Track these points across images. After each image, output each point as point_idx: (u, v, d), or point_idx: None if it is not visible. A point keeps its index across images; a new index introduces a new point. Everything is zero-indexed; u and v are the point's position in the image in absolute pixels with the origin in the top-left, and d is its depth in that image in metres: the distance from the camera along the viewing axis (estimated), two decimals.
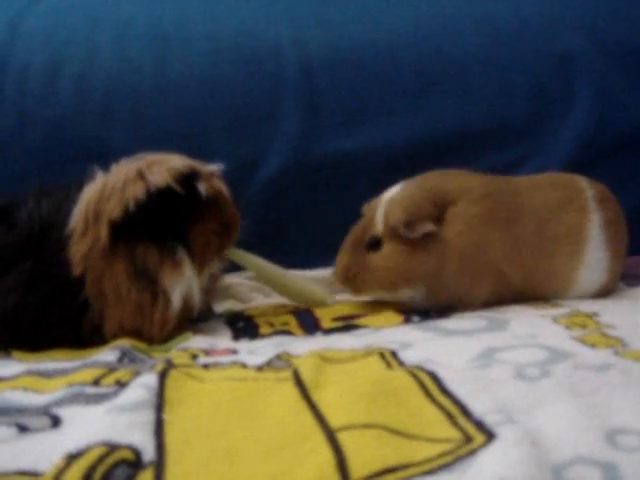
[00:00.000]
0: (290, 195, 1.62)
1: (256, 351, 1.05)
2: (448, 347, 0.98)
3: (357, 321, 1.23)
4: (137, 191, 1.12)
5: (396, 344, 0.99)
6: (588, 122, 1.71)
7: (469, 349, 0.95)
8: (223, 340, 1.16)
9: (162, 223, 1.14)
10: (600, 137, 1.70)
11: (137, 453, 0.64)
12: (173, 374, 0.84)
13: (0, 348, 1.14)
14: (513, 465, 0.58)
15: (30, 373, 0.95)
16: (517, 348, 0.94)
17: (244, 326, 1.25)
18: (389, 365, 0.88)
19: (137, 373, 0.89)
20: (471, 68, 1.74)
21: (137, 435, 0.67)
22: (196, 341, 1.13)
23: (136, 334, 1.15)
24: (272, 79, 1.67)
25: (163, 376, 0.83)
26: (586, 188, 1.33)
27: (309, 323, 1.24)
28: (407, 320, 1.21)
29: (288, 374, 0.85)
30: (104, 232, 1.12)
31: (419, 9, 1.78)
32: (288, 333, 1.19)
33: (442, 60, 1.73)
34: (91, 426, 0.69)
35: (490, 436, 0.64)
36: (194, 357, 1.01)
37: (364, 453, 0.62)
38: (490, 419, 0.67)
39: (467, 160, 1.63)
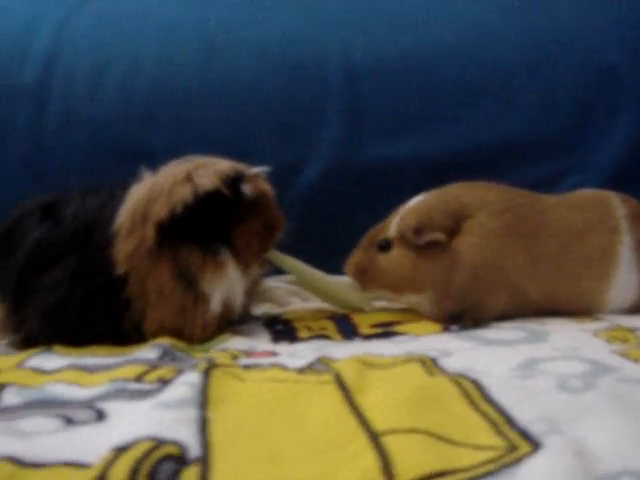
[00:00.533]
0: (331, 201, 1.63)
1: (296, 354, 1.05)
2: (488, 356, 0.98)
3: (396, 328, 1.23)
4: (185, 193, 1.12)
5: (436, 352, 0.99)
6: (630, 137, 1.70)
7: (509, 359, 0.95)
8: (262, 342, 1.17)
9: (207, 225, 1.15)
10: None
11: (183, 449, 0.65)
12: (216, 373, 0.85)
13: (42, 342, 1.15)
14: (560, 475, 0.58)
15: (73, 367, 0.97)
16: (558, 360, 0.93)
17: (282, 329, 1.26)
18: (430, 372, 0.88)
19: (179, 371, 0.90)
20: (514, 80, 1.74)
21: (183, 431, 0.68)
22: (235, 342, 1.14)
23: (176, 334, 1.16)
24: (316, 85, 1.68)
25: (206, 375, 0.84)
26: (617, 207, 1.31)
27: (347, 329, 1.24)
28: (446, 329, 1.21)
29: (329, 377, 0.85)
30: (150, 233, 1.13)
31: (464, 19, 1.78)
32: (327, 338, 1.19)
33: (486, 70, 1.73)
34: (137, 421, 0.70)
35: (536, 445, 0.64)
36: (235, 358, 1.02)
37: (409, 457, 0.62)
38: (535, 428, 0.67)
39: (507, 171, 1.64)
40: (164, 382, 0.86)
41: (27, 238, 1.19)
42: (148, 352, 1.05)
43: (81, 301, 1.15)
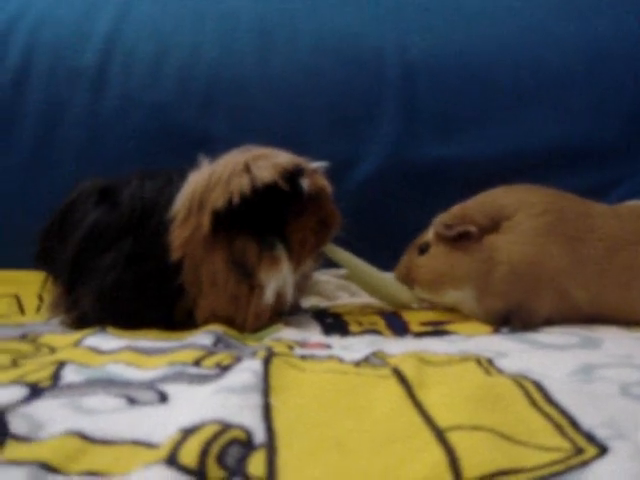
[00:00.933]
0: (384, 196, 1.63)
1: (349, 347, 1.06)
2: (543, 359, 0.97)
3: (446, 327, 1.23)
4: (243, 184, 1.12)
5: (491, 352, 0.99)
6: None
7: (565, 363, 0.94)
8: (314, 334, 1.17)
9: (263, 217, 1.15)
10: None
11: (248, 434, 0.66)
12: (276, 362, 0.85)
13: (95, 322, 1.16)
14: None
15: (130, 349, 0.98)
16: (615, 367, 0.93)
17: (333, 322, 1.26)
18: (487, 372, 0.88)
19: (237, 358, 0.90)
20: (570, 83, 1.73)
21: (247, 417, 0.68)
22: (288, 333, 1.15)
23: (228, 322, 1.17)
24: (373, 80, 1.68)
25: (267, 362, 0.84)
26: None
27: (398, 325, 1.24)
28: (496, 330, 1.20)
29: (388, 372, 0.85)
30: (206, 221, 1.13)
31: (522, 21, 1.77)
32: (377, 333, 1.19)
33: (542, 73, 1.73)
34: (202, 404, 0.71)
35: (603, 449, 0.63)
36: (290, 348, 1.02)
37: (475, 454, 0.62)
38: (600, 433, 0.67)
39: (557, 177, 1.63)
40: (222, 368, 0.87)
41: (84, 220, 1.20)
42: (202, 338, 1.06)
43: (135, 284, 1.17)
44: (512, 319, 1.23)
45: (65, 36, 1.70)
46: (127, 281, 1.16)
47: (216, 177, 1.16)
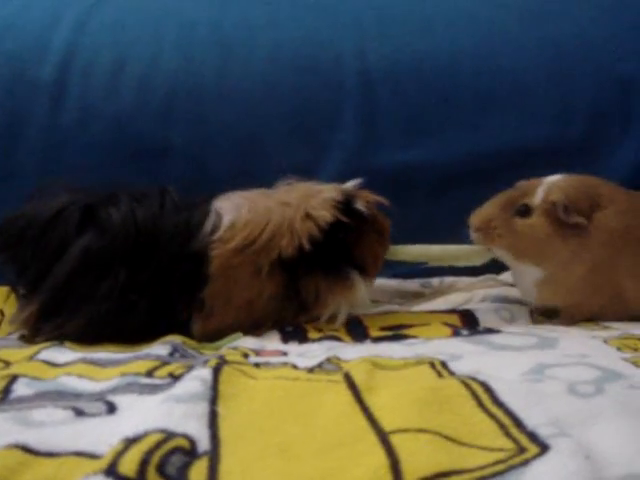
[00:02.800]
0: None
1: (306, 354, 1.06)
2: (498, 361, 0.98)
3: (406, 331, 1.23)
4: (310, 230, 1.18)
5: (446, 355, 0.99)
6: None
7: (520, 364, 0.94)
8: (272, 342, 1.17)
9: (331, 252, 1.20)
10: None
11: (192, 442, 0.66)
12: (226, 369, 0.85)
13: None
14: (567, 477, 0.58)
15: (84, 361, 0.98)
16: (569, 366, 0.93)
17: (292, 330, 1.26)
18: (440, 374, 0.88)
19: (190, 367, 0.90)
20: (531, 87, 1.74)
21: (192, 425, 0.68)
22: (246, 341, 1.15)
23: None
24: (332, 88, 1.68)
25: (217, 371, 0.84)
26: None
27: (358, 331, 1.24)
28: (456, 333, 1.21)
29: (339, 377, 0.86)
30: (266, 262, 1.18)
31: (482, 25, 1.78)
32: (337, 339, 1.19)
33: (502, 77, 1.73)
34: (147, 414, 0.70)
35: (544, 448, 0.64)
36: (245, 356, 1.02)
37: (417, 457, 0.62)
38: (544, 431, 0.67)
39: (522, 178, 1.64)
40: (174, 377, 0.87)
41: (71, 243, 1.19)
42: (159, 349, 1.06)
43: (129, 310, 1.17)
44: (561, 315, 1.28)
45: (24, 47, 1.68)
46: (121, 309, 1.16)
47: (284, 227, 1.19)
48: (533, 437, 0.66)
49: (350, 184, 1.28)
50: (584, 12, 1.85)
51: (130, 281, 1.16)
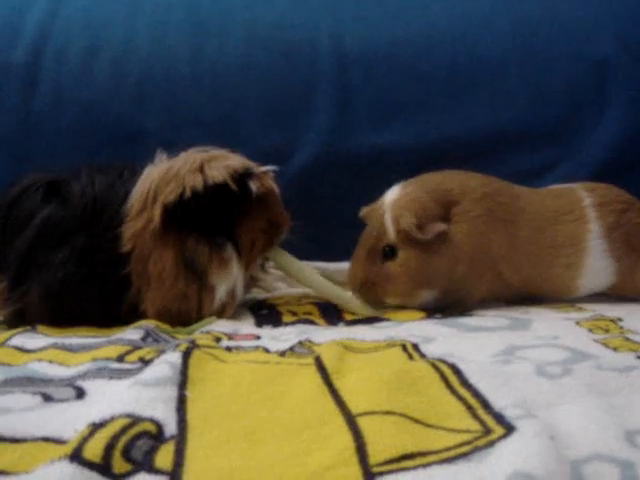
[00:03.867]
0: (320, 187, 1.63)
1: (279, 338, 1.06)
2: (470, 343, 0.99)
3: (383, 314, 1.23)
4: (195, 181, 1.15)
5: (418, 338, 1.00)
6: (620, 128, 1.70)
7: (491, 345, 0.95)
8: (246, 326, 1.17)
9: (214, 218, 1.17)
10: (632, 143, 1.70)
11: (159, 427, 0.66)
12: (196, 354, 0.85)
13: (39, 317, 1.17)
14: (531, 458, 0.58)
15: (56, 346, 0.97)
16: (539, 347, 0.94)
17: (267, 314, 1.26)
18: (411, 357, 0.89)
19: (161, 352, 0.90)
20: (505, 69, 1.74)
21: (160, 409, 0.68)
22: (220, 325, 1.15)
23: (177, 318, 1.18)
24: (307, 71, 1.67)
25: (187, 355, 0.84)
26: (584, 197, 1.32)
27: (332, 314, 1.24)
28: (429, 316, 1.21)
29: (310, 360, 0.86)
30: (157, 214, 1.15)
31: (456, 8, 1.78)
32: (311, 322, 1.19)
33: (477, 60, 1.73)
34: (115, 399, 0.70)
35: (509, 429, 0.64)
36: (217, 340, 1.02)
37: (383, 438, 0.62)
38: (510, 412, 0.68)
39: (497, 161, 1.65)
40: (145, 362, 0.87)
41: (33, 215, 1.20)
42: (131, 333, 1.06)
43: (85, 277, 1.17)
44: (455, 306, 1.25)
45: None
46: (79, 275, 1.17)
47: (172, 173, 1.18)
48: (499, 418, 0.67)
49: (263, 168, 1.25)
50: None
51: (85, 247, 1.17)
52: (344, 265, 1.40)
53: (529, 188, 1.37)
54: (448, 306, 1.24)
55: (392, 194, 1.28)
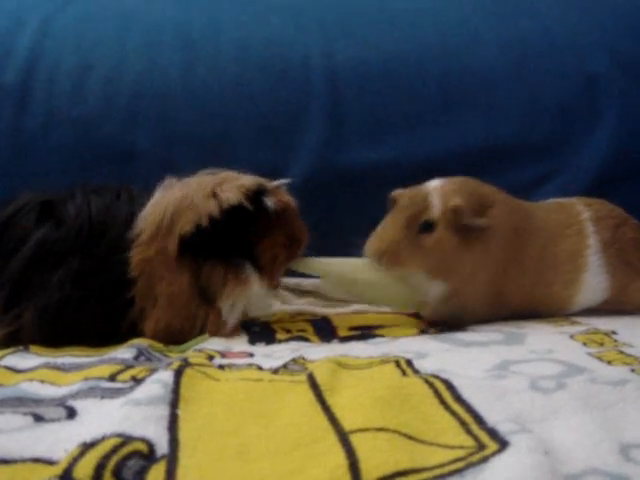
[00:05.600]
0: (312, 204, 1.61)
1: (272, 355, 1.06)
2: (464, 358, 0.98)
3: (374, 331, 1.23)
4: (210, 207, 1.15)
5: (412, 353, 0.99)
6: (612, 142, 1.70)
7: (484, 360, 0.95)
8: (239, 344, 1.17)
9: (231, 240, 1.17)
10: (624, 158, 1.70)
11: (151, 446, 0.65)
12: (189, 372, 0.85)
13: (35, 340, 1.16)
14: (525, 473, 0.58)
15: (47, 366, 0.97)
16: (533, 361, 0.94)
17: (260, 331, 1.26)
18: (404, 373, 0.88)
19: (153, 370, 0.90)
20: (497, 85, 1.74)
21: (151, 429, 0.68)
22: (212, 343, 1.14)
23: (178, 336, 1.18)
24: (299, 89, 1.68)
25: (179, 373, 0.83)
26: (582, 211, 1.33)
27: (326, 331, 1.24)
28: (423, 332, 1.21)
29: (303, 377, 0.85)
30: (173, 245, 1.15)
31: (448, 24, 1.78)
32: (304, 339, 1.19)
33: (468, 75, 1.73)
34: (106, 418, 0.70)
35: (503, 444, 0.64)
36: (210, 358, 1.02)
37: (376, 456, 0.62)
38: (504, 428, 0.67)
39: (490, 175, 1.63)
40: (137, 381, 0.86)
41: (28, 236, 1.19)
42: (124, 352, 1.05)
43: (82, 299, 1.16)
44: (451, 322, 1.25)
45: None
46: (75, 298, 1.16)
47: (186, 202, 1.17)
48: (493, 434, 0.67)
49: (276, 182, 1.26)
50: (550, 9, 1.86)
51: (82, 270, 1.16)
52: None
53: (534, 203, 1.37)
54: (445, 319, 1.25)
55: (435, 183, 1.28)
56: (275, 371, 0.92)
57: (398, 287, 1.28)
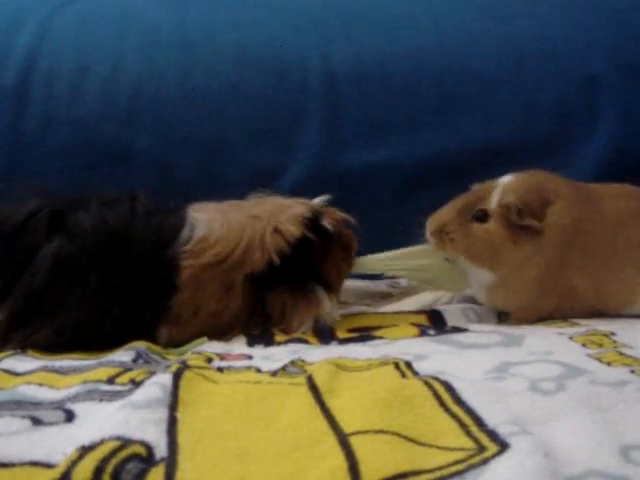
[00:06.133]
0: None
1: (271, 357, 1.05)
2: (463, 360, 0.98)
3: (373, 333, 1.23)
4: (278, 244, 1.18)
5: (411, 355, 0.99)
6: (611, 143, 1.71)
7: (484, 362, 0.95)
8: (238, 346, 1.16)
9: (298, 268, 1.20)
10: (623, 157, 1.70)
11: (149, 449, 0.65)
12: (187, 375, 0.84)
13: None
14: (526, 475, 0.58)
15: (46, 369, 0.96)
16: (532, 363, 0.93)
17: (259, 333, 1.25)
18: (404, 375, 0.88)
19: (152, 373, 0.89)
20: (495, 86, 1.75)
21: (150, 432, 0.67)
22: (211, 346, 1.13)
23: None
24: (297, 90, 1.68)
25: (177, 376, 0.83)
26: None
27: (324, 332, 1.24)
28: (423, 333, 1.21)
29: (302, 379, 0.85)
30: (239, 278, 1.19)
31: (445, 26, 1.79)
32: (303, 341, 1.19)
33: (466, 77, 1.74)
34: (105, 421, 0.70)
35: (503, 446, 0.63)
36: (209, 360, 1.02)
37: (376, 458, 0.62)
38: (504, 430, 0.67)
39: (488, 176, 1.63)
40: (136, 384, 0.86)
41: (40, 247, 1.16)
42: (122, 355, 1.05)
43: (102, 318, 1.15)
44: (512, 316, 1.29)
45: None
46: (94, 317, 1.14)
47: (254, 242, 1.19)
48: (493, 436, 0.66)
49: (318, 200, 1.29)
50: (547, 10, 1.86)
51: (101, 288, 1.14)
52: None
53: (605, 185, 1.38)
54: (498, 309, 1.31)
55: (506, 178, 1.32)
56: (274, 373, 0.92)
57: (454, 271, 1.35)
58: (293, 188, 1.61)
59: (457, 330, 1.22)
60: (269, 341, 1.19)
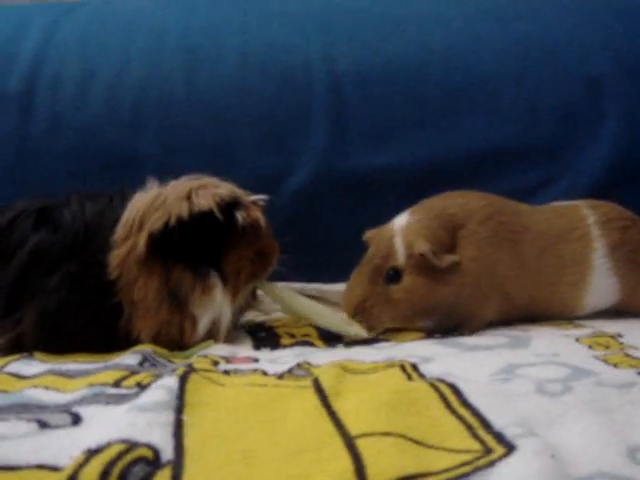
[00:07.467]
0: (316, 209, 1.63)
1: (277, 360, 1.05)
2: (469, 362, 0.98)
3: (379, 335, 1.23)
4: (181, 209, 1.15)
5: (417, 358, 0.99)
6: (616, 144, 1.70)
7: (490, 364, 0.95)
8: (244, 349, 1.17)
9: (199, 246, 1.16)
10: (628, 159, 1.70)
11: (156, 452, 0.65)
12: (194, 378, 0.84)
13: (34, 345, 1.16)
14: (532, 477, 0.58)
15: (52, 373, 0.96)
16: (539, 365, 0.94)
17: (265, 336, 1.26)
18: (410, 377, 0.88)
19: (158, 376, 0.89)
20: (500, 88, 1.74)
21: (156, 435, 0.67)
22: (217, 349, 1.14)
23: (165, 344, 1.17)
24: (301, 93, 1.68)
25: (184, 379, 0.83)
26: (588, 215, 1.32)
27: (331, 335, 1.23)
28: (428, 336, 1.21)
29: (308, 382, 0.85)
30: (142, 241, 1.14)
31: (450, 28, 1.79)
32: (309, 344, 1.19)
33: (472, 79, 1.74)
34: (111, 424, 0.69)
35: (510, 448, 0.63)
36: (215, 363, 1.02)
37: (383, 460, 0.62)
38: (510, 432, 0.67)
39: (493, 179, 1.65)
40: (142, 387, 0.86)
41: (25, 242, 1.19)
42: (128, 358, 1.05)
43: (78, 304, 1.16)
44: (462, 328, 1.24)
45: None
46: (72, 302, 1.16)
47: (159, 201, 1.18)
48: (500, 438, 0.66)
49: (257, 197, 1.25)
50: (552, 12, 1.86)
51: (77, 273, 1.17)
52: (339, 286, 1.40)
53: (532, 206, 1.37)
54: (450, 329, 1.23)
55: (401, 220, 1.26)
56: (280, 376, 0.92)
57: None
58: (298, 190, 1.62)
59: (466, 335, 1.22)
60: (275, 344, 1.19)
